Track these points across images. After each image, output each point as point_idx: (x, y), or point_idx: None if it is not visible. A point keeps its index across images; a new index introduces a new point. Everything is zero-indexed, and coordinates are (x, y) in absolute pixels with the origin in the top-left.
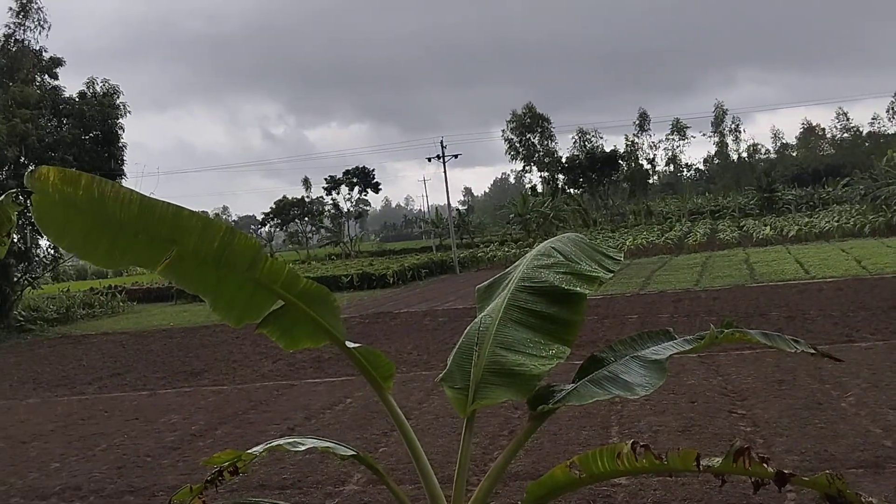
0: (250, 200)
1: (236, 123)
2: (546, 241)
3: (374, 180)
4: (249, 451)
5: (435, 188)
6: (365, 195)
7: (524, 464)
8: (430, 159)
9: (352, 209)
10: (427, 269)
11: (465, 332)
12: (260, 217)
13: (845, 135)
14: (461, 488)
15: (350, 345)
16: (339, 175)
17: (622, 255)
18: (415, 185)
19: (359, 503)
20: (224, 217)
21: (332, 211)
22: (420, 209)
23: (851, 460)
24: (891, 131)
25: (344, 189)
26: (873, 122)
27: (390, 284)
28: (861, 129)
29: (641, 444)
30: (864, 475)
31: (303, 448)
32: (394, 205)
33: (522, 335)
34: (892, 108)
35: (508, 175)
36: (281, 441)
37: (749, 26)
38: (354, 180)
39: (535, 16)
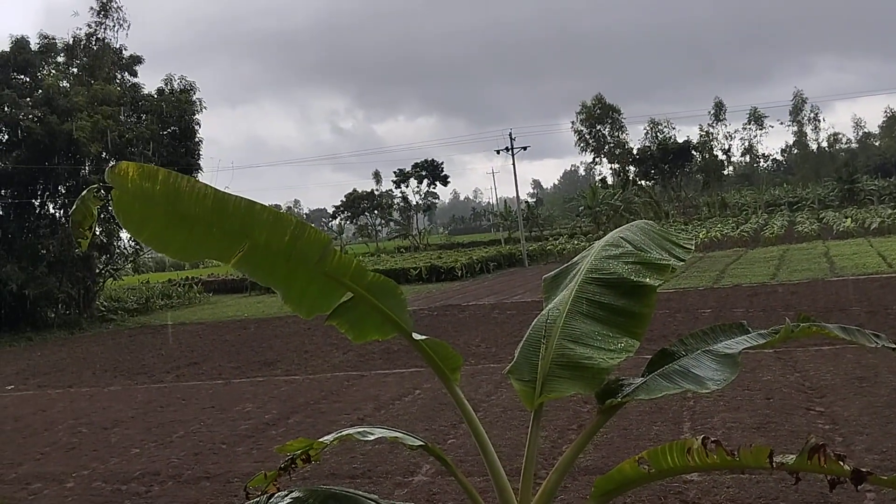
0: (321, 194)
1: (306, 118)
2: (614, 231)
3: (443, 173)
4: (321, 439)
5: (503, 181)
6: (433, 188)
7: (593, 458)
8: (498, 151)
9: (420, 202)
10: (495, 262)
11: (533, 324)
12: (330, 210)
13: None
14: (529, 481)
15: (417, 336)
16: (408, 168)
17: (693, 242)
18: (483, 177)
19: (427, 494)
20: (295, 210)
21: (401, 204)
22: (489, 202)
23: None
24: None
25: (413, 182)
26: None
27: (458, 277)
28: None
29: (713, 439)
30: None
31: (372, 438)
32: (462, 198)
33: (590, 328)
34: None
35: (578, 167)
36: (351, 430)
37: (826, 12)
38: (423, 173)
39: (601, 6)
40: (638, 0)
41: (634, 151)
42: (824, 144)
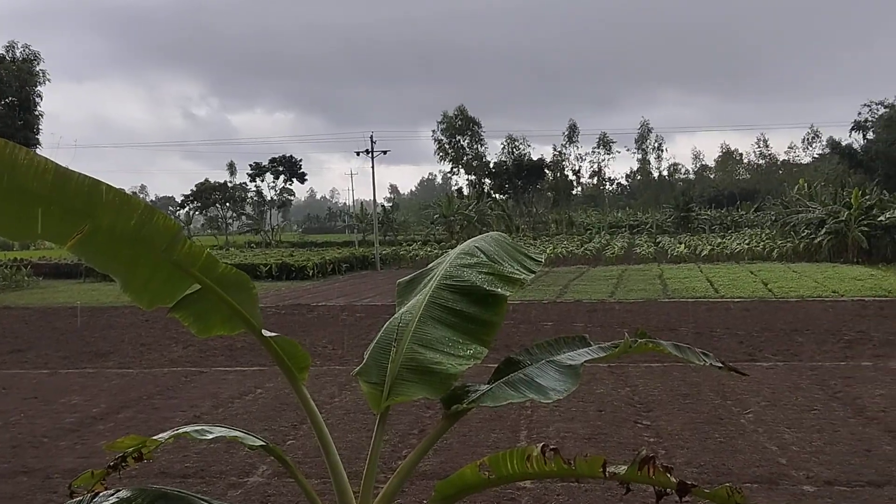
0: (168, 181)
1: (156, 101)
2: (470, 241)
3: (300, 170)
4: (155, 437)
5: (361, 183)
6: (290, 185)
7: (432, 463)
8: (358, 153)
9: (275, 198)
10: (348, 263)
11: (384, 327)
12: (178, 199)
13: (761, 161)
14: (370, 484)
15: (266, 333)
16: (265, 162)
17: (542, 256)
18: (340, 178)
19: (262, 495)
20: (141, 196)
21: (255, 198)
22: (345, 203)
23: (747, 475)
24: (805, 161)
25: (269, 177)
26: (789, 151)
27: (309, 277)
28: (777, 157)
29: (552, 447)
30: (758, 490)
31: (210, 436)
32: (318, 196)
33: (441, 333)
34: (807, 139)
35: (436, 175)
36: (188, 428)
37: (669, 49)
38: (280, 168)
39: (462, 21)
40: (497, 20)
41: (491, 165)
42: (665, 173)
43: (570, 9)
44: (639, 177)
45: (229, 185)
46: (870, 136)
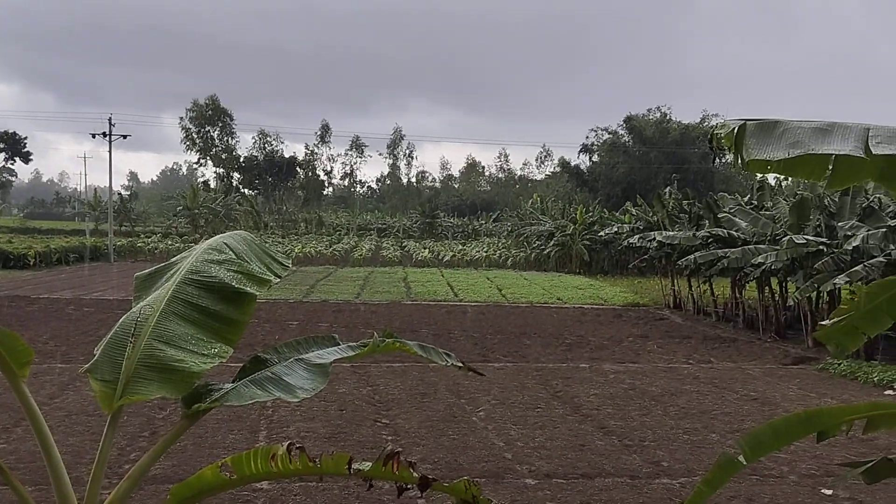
0: None
1: None
2: (218, 237)
3: (25, 149)
4: None
5: (95, 168)
6: (11, 164)
7: (163, 467)
8: (94, 135)
9: None
10: (77, 253)
11: (120, 321)
12: None
13: (501, 175)
14: (96, 490)
15: None
16: None
17: (289, 261)
18: (70, 161)
19: None
20: None
21: None
22: (76, 188)
23: (477, 470)
24: (539, 177)
25: None
26: (524, 167)
27: (31, 266)
28: (515, 172)
29: (298, 445)
30: (486, 484)
31: None
32: (45, 179)
33: (184, 330)
34: (541, 158)
35: (181, 166)
36: None
37: (420, 60)
38: (1, 145)
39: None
40: (253, 15)
41: (241, 159)
42: (413, 179)
43: (327, 9)
44: (389, 181)
45: None
46: (595, 158)
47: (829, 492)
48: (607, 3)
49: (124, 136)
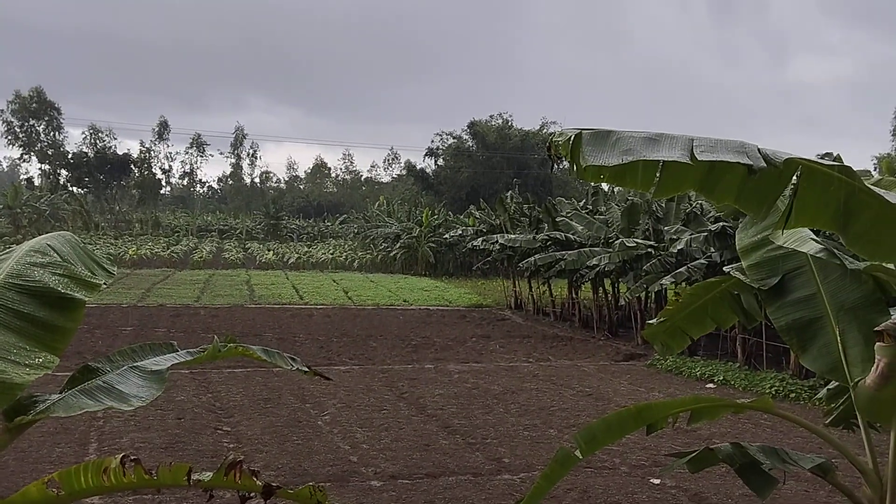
0: None
1: None
2: (40, 237)
3: None
4: None
5: None
6: None
7: None
8: None
9: None
10: None
11: None
12: None
13: (348, 176)
14: None
15: None
16: None
17: (115, 268)
18: None
19: None
20: None
21: None
22: None
23: (322, 474)
24: (384, 180)
25: None
26: (372, 169)
27: None
28: (361, 174)
29: (133, 458)
30: (331, 488)
31: None
32: None
33: (5, 338)
34: (388, 160)
35: (1, 162)
36: None
37: (257, 57)
38: None
39: None
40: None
41: (70, 155)
42: (257, 180)
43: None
44: (231, 181)
45: None
46: (440, 162)
47: (658, 481)
48: (445, 9)
49: None
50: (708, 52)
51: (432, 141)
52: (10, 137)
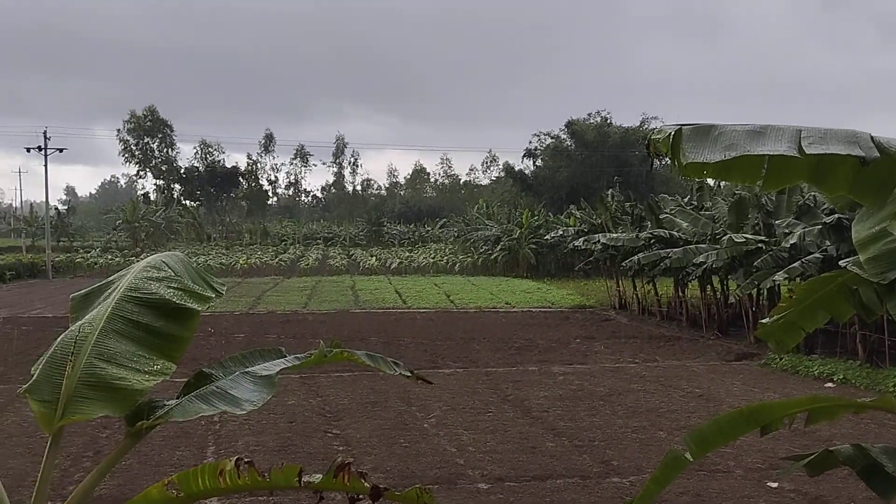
0: None
1: None
2: (156, 255)
3: None
4: None
5: (29, 182)
6: None
7: (108, 487)
8: (29, 149)
9: None
10: (13, 270)
11: (59, 340)
12: None
13: (446, 181)
14: None
15: None
16: None
17: (224, 287)
18: (1, 176)
19: None
20: None
21: None
22: (10, 204)
23: (429, 477)
24: (484, 182)
25: None
26: (470, 173)
27: None
28: (460, 178)
29: (246, 460)
30: (439, 491)
31: None
32: None
33: (126, 347)
34: (486, 163)
35: (119, 179)
36: None
37: (356, 67)
38: None
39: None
40: (188, 21)
41: (182, 170)
42: (359, 188)
43: (259, 15)
44: (334, 190)
45: None
46: (539, 162)
47: (775, 484)
48: (538, 6)
49: (60, 150)
50: (814, 37)
51: (530, 142)
52: (126, 155)
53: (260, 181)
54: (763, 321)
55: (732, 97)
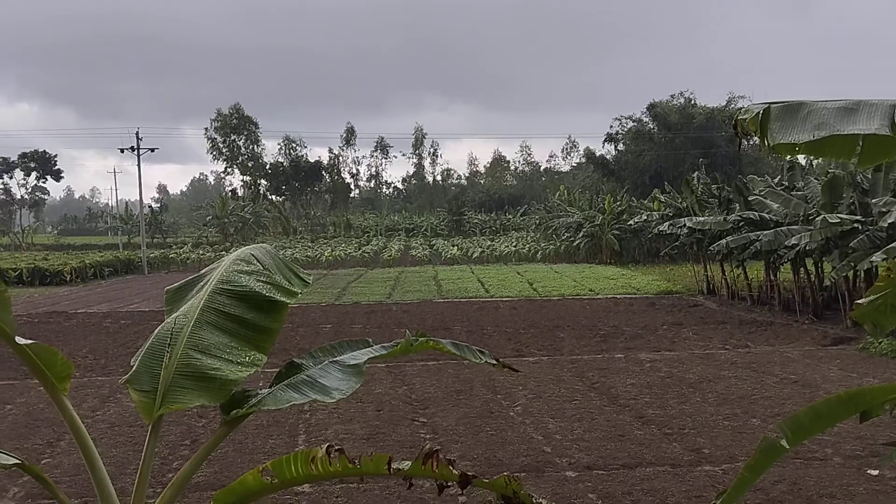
0: None
1: None
2: (245, 248)
3: (55, 167)
4: None
5: (124, 182)
6: (43, 182)
7: (205, 474)
8: (123, 150)
9: (26, 196)
10: (111, 267)
11: (156, 332)
12: None
13: (526, 168)
14: (141, 499)
15: (21, 341)
16: (13, 158)
17: (311, 278)
18: (99, 177)
19: None
20: None
21: (2, 197)
22: (107, 203)
23: (516, 465)
24: (564, 169)
25: (18, 174)
26: (550, 159)
27: (67, 282)
28: (540, 165)
29: (337, 447)
30: (526, 479)
31: None
32: (77, 196)
33: (219, 339)
34: (566, 149)
35: (207, 176)
36: None
37: (432, 58)
38: (32, 165)
39: (237, 19)
40: (268, 20)
41: (267, 166)
42: (439, 178)
43: (335, 11)
44: (414, 181)
45: None
46: (620, 147)
47: (876, 472)
48: None
49: (152, 150)
50: None
51: (611, 126)
52: (214, 153)
53: (342, 174)
54: (858, 301)
55: (826, 74)
